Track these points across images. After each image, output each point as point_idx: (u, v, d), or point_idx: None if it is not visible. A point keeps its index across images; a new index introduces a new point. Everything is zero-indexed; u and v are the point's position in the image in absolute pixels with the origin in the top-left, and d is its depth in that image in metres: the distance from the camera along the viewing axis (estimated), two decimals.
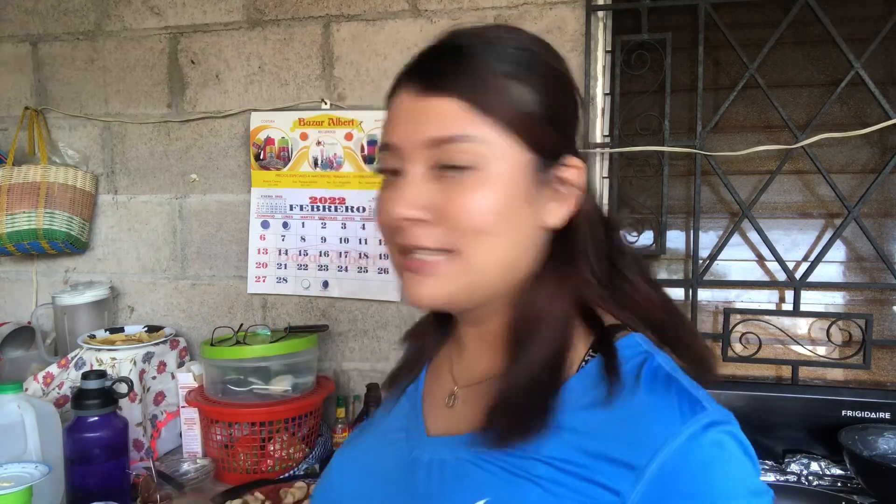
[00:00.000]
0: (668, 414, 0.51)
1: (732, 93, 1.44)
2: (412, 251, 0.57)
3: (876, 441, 1.27)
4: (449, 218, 0.55)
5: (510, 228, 0.57)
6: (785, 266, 1.45)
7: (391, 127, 0.60)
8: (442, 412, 0.67)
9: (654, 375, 0.54)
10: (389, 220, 0.58)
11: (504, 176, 0.56)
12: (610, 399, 0.53)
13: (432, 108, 0.56)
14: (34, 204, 1.65)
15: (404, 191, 0.57)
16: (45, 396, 1.44)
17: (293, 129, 1.65)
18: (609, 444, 0.52)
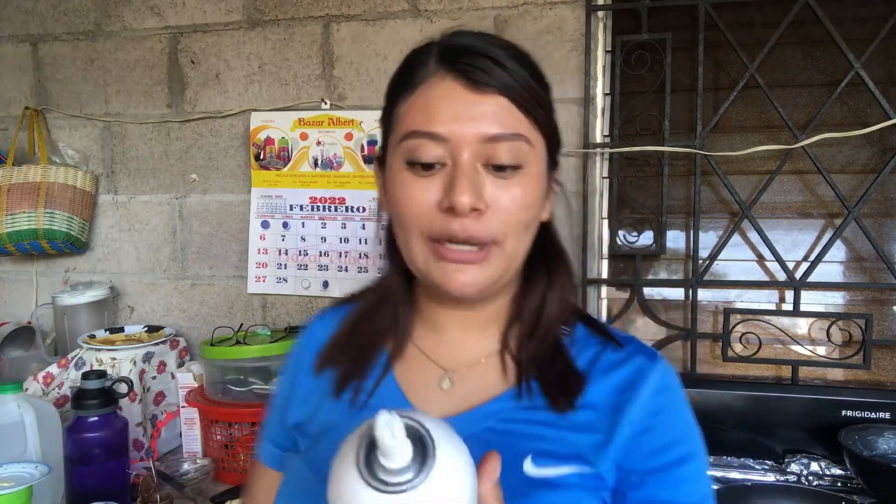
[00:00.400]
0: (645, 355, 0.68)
1: (732, 93, 1.44)
2: (452, 242, 0.60)
3: (876, 441, 1.27)
4: (499, 212, 0.61)
5: (534, 222, 0.65)
6: (785, 266, 1.45)
7: (433, 116, 0.60)
8: (436, 397, 0.68)
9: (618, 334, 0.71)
10: (428, 212, 0.61)
11: (538, 174, 0.64)
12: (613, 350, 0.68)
13: (484, 104, 0.60)
14: (34, 204, 1.65)
15: (464, 181, 0.59)
16: (45, 396, 1.44)
17: (293, 129, 1.65)
18: (611, 384, 0.66)
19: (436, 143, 0.60)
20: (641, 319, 1.58)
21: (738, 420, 1.37)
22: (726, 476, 1.29)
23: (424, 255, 0.62)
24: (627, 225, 1.53)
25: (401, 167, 0.62)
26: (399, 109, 0.64)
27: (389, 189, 0.65)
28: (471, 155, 0.60)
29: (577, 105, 1.51)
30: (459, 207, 0.58)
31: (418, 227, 0.62)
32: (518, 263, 0.66)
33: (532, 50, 0.69)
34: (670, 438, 0.64)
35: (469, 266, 0.61)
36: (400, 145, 0.62)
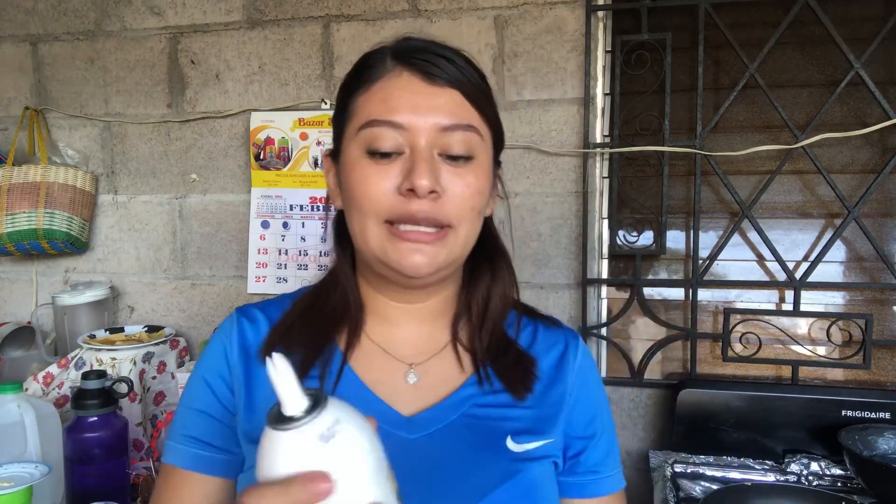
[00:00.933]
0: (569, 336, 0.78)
1: (732, 93, 1.44)
2: (408, 224, 0.63)
3: (876, 441, 1.27)
4: (454, 197, 0.65)
5: (482, 212, 0.70)
6: (785, 266, 1.45)
7: (392, 106, 0.64)
8: (404, 391, 0.70)
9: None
10: (386, 197, 0.63)
11: (486, 166, 0.69)
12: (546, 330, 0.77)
13: (440, 96, 0.65)
14: (34, 204, 1.65)
15: (423, 166, 0.62)
16: (45, 396, 1.44)
17: (293, 129, 1.65)
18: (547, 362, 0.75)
19: (395, 130, 0.64)
20: (641, 319, 1.58)
21: (738, 420, 1.37)
22: (726, 476, 1.29)
23: (380, 238, 0.65)
24: (627, 225, 1.53)
25: (359, 155, 0.65)
26: (356, 102, 0.67)
27: (346, 178, 0.67)
28: (428, 143, 0.64)
29: (577, 105, 1.51)
30: (420, 189, 0.61)
31: (376, 210, 0.64)
32: (467, 250, 0.69)
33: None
34: (597, 409, 0.76)
35: (424, 247, 0.64)
36: (358, 135, 0.65)
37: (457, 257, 0.68)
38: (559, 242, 1.54)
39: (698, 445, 1.37)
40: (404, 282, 0.68)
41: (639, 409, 1.53)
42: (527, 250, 1.55)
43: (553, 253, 1.54)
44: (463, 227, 0.66)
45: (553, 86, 1.52)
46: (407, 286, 0.70)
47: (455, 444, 0.66)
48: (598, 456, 0.74)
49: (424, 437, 0.66)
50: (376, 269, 0.69)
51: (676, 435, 1.39)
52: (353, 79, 0.69)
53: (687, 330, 1.50)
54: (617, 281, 1.60)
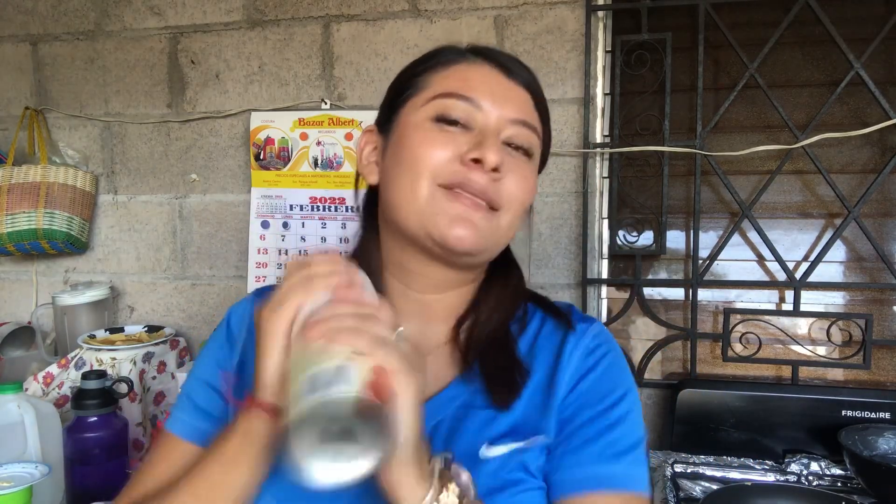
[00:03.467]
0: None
1: (732, 93, 1.44)
2: (464, 193, 0.64)
3: (876, 441, 1.27)
4: (510, 185, 0.66)
5: (524, 215, 0.71)
6: (785, 266, 1.45)
7: (473, 86, 0.66)
8: None
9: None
10: (447, 161, 0.64)
11: (535, 169, 0.71)
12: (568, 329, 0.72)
13: (516, 92, 0.68)
14: (34, 204, 1.65)
15: (494, 143, 0.64)
16: (45, 396, 1.44)
17: (293, 129, 1.65)
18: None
19: (471, 106, 0.66)
20: (641, 319, 1.58)
21: (738, 420, 1.37)
22: (726, 476, 1.29)
23: (431, 197, 0.64)
24: (627, 225, 1.53)
25: (424, 122, 0.66)
26: (428, 78, 0.68)
27: (402, 141, 0.67)
28: (497, 128, 0.66)
29: (577, 105, 1.51)
30: (488, 161, 0.63)
31: (432, 171, 0.64)
32: (503, 243, 0.70)
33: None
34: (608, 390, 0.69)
35: (475, 215, 0.64)
36: (428, 104, 0.67)
37: (496, 244, 0.68)
38: (559, 242, 1.54)
39: (698, 445, 1.37)
40: (445, 257, 0.67)
41: None
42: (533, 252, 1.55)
43: (553, 253, 1.54)
44: (508, 216, 0.67)
45: (553, 86, 1.52)
46: (442, 259, 0.68)
47: (438, 444, 0.65)
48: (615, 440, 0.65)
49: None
50: (417, 239, 0.66)
51: (676, 435, 1.39)
52: (428, 59, 0.70)
53: (687, 330, 1.50)
54: (617, 281, 1.60)
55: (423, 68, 0.70)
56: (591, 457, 0.65)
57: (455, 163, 0.64)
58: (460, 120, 0.65)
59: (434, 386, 0.69)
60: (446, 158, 0.64)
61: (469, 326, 0.73)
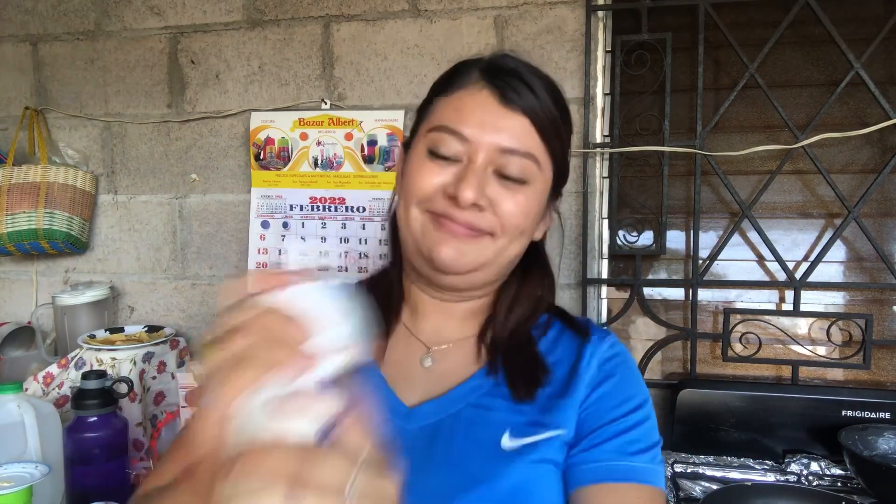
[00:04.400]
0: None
1: (732, 93, 1.44)
2: (452, 218, 0.67)
3: (876, 441, 1.27)
4: (500, 214, 0.68)
5: (528, 234, 0.72)
6: (785, 266, 1.45)
7: (463, 118, 0.68)
8: (415, 375, 0.73)
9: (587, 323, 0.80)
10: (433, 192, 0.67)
11: (540, 193, 0.71)
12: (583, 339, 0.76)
13: (509, 119, 0.68)
14: (34, 204, 1.65)
15: (473, 179, 0.66)
16: (45, 396, 1.43)
17: (293, 129, 1.65)
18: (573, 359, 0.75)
19: (458, 140, 0.67)
20: (641, 319, 1.58)
21: (738, 420, 1.37)
22: (726, 476, 1.29)
23: (421, 223, 0.69)
24: (627, 225, 1.53)
25: (422, 152, 0.70)
26: (436, 105, 0.72)
27: (406, 169, 0.72)
28: (485, 159, 0.67)
29: (577, 105, 1.51)
30: (462, 199, 0.65)
31: (419, 200, 0.69)
32: (503, 263, 0.72)
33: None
34: (626, 396, 0.72)
35: (455, 241, 0.67)
36: (427, 135, 0.70)
37: (489, 265, 0.70)
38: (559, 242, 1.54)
39: (698, 445, 1.37)
40: (437, 277, 0.71)
41: None
42: None
43: (553, 253, 1.54)
44: (502, 241, 0.69)
45: None
46: (440, 284, 0.73)
47: (449, 437, 0.67)
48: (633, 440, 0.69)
49: (421, 429, 0.68)
50: (414, 260, 0.72)
51: (676, 435, 1.39)
52: (443, 81, 0.74)
53: (687, 330, 1.50)
54: (617, 281, 1.60)
55: (436, 92, 0.73)
56: (611, 452, 0.68)
57: (440, 194, 0.68)
58: (449, 155, 0.68)
59: (457, 375, 0.72)
60: (433, 189, 0.68)
61: (493, 324, 0.76)
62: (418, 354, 0.75)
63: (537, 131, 0.69)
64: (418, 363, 0.74)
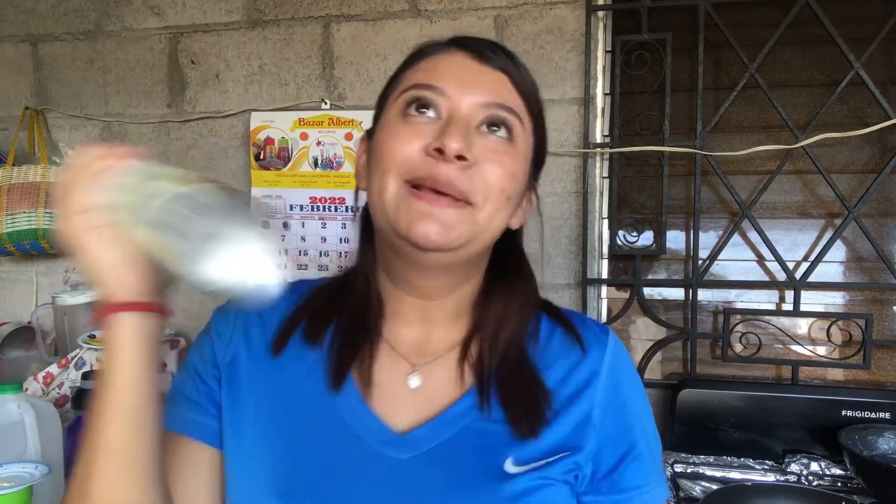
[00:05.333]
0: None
1: (732, 93, 1.44)
2: (431, 189, 0.59)
3: (876, 441, 1.27)
4: (484, 171, 0.61)
5: (513, 203, 0.65)
6: (785, 266, 1.45)
7: (440, 74, 0.63)
8: (402, 398, 0.66)
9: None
10: (414, 153, 0.60)
11: (524, 160, 0.65)
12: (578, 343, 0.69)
13: (488, 75, 0.63)
14: (34, 204, 1.65)
15: (457, 129, 0.59)
16: (45, 396, 1.43)
17: (293, 129, 1.65)
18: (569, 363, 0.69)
19: (436, 94, 0.62)
20: (641, 319, 1.58)
21: (738, 420, 1.37)
22: (726, 476, 1.29)
23: (397, 195, 0.60)
24: (627, 225, 1.53)
25: (393, 118, 0.63)
26: (402, 75, 0.66)
27: (376, 142, 0.64)
28: (467, 114, 0.61)
29: (577, 105, 1.51)
30: (449, 150, 0.58)
31: (398, 166, 0.60)
32: (488, 237, 0.64)
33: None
34: (630, 415, 0.68)
35: (439, 211, 0.59)
36: (398, 100, 0.64)
37: (473, 239, 0.62)
38: (559, 242, 1.54)
39: (698, 445, 1.37)
40: (418, 258, 0.63)
41: None
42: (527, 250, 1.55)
43: (553, 253, 1.54)
44: (487, 208, 0.61)
45: (553, 86, 1.52)
46: (421, 265, 0.64)
47: (449, 464, 0.62)
48: (640, 468, 0.67)
49: (417, 458, 0.62)
50: (390, 240, 0.64)
51: (676, 435, 1.39)
52: (406, 60, 0.68)
53: (687, 330, 1.50)
54: (617, 281, 1.60)
55: (402, 67, 0.67)
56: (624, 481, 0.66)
57: (421, 155, 0.60)
58: (427, 111, 0.61)
59: (443, 398, 0.66)
60: (413, 151, 0.60)
61: (479, 341, 0.68)
62: (403, 373, 0.67)
63: (517, 89, 0.64)
64: (403, 383, 0.66)
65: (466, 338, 0.69)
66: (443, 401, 0.65)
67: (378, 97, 0.70)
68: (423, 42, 0.68)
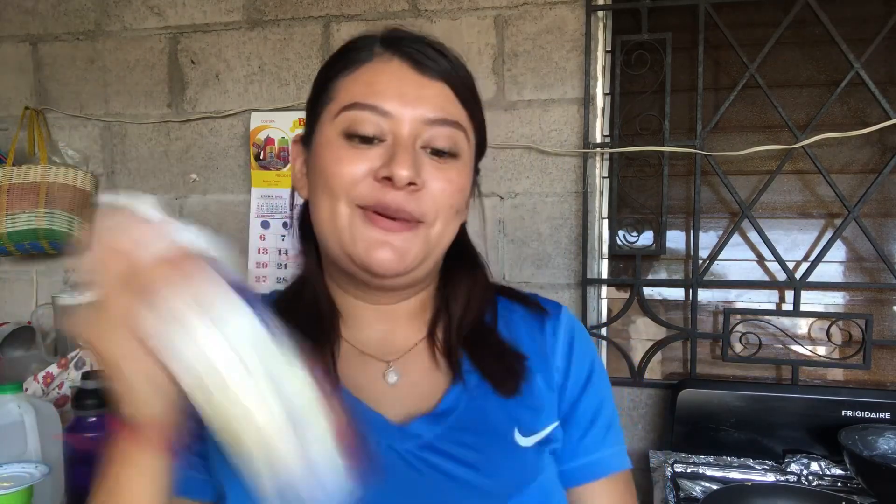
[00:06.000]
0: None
1: (732, 93, 1.44)
2: (381, 214, 0.59)
3: (876, 441, 1.27)
4: (433, 192, 0.61)
5: (462, 213, 0.67)
6: (785, 266, 1.45)
7: (378, 91, 0.61)
8: (386, 392, 0.65)
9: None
10: (361, 179, 0.60)
11: (469, 167, 0.66)
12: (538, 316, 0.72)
13: (428, 88, 0.62)
14: (34, 204, 1.65)
15: (405, 156, 0.59)
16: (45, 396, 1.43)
17: (293, 129, 1.65)
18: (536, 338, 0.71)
19: (379, 116, 0.60)
20: (641, 319, 1.58)
21: (738, 420, 1.37)
22: (726, 476, 1.29)
23: (349, 221, 0.60)
24: (627, 225, 1.53)
25: (335, 137, 0.61)
26: (337, 85, 0.63)
27: (318, 160, 0.63)
28: (411, 133, 0.61)
29: (577, 105, 1.51)
30: (398, 179, 0.58)
31: (347, 194, 0.60)
32: (441, 250, 0.65)
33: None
34: (589, 376, 0.71)
35: (394, 237, 0.59)
36: (338, 116, 0.62)
37: (429, 256, 0.63)
38: (559, 242, 1.54)
39: (698, 445, 1.37)
40: (372, 281, 0.63)
41: (639, 409, 1.53)
42: (527, 250, 1.55)
43: (553, 253, 1.54)
44: (438, 225, 0.62)
45: (553, 86, 1.52)
46: (375, 287, 0.65)
47: (459, 449, 0.62)
48: (597, 423, 0.69)
49: (422, 446, 0.62)
50: (342, 264, 0.63)
51: (676, 435, 1.39)
52: (337, 61, 0.65)
53: (687, 330, 1.50)
54: (617, 281, 1.59)
55: (334, 72, 0.64)
56: (584, 448, 0.68)
57: (369, 180, 0.59)
58: (370, 135, 0.60)
59: (428, 387, 0.66)
60: (359, 176, 0.59)
61: (445, 327, 0.69)
62: (377, 371, 0.66)
63: (457, 97, 0.63)
64: (381, 380, 0.66)
65: (430, 328, 0.70)
66: (432, 391, 0.66)
67: (309, 100, 0.68)
68: (353, 39, 0.65)
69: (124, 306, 0.45)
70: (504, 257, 1.56)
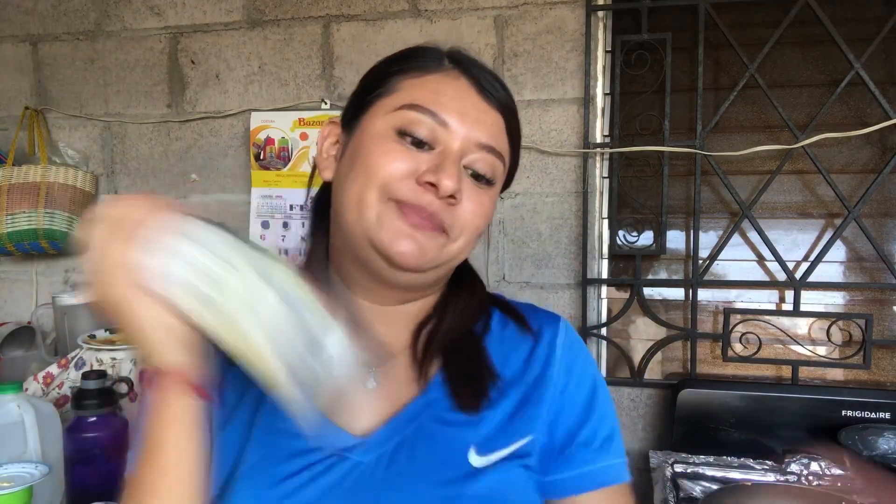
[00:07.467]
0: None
1: (732, 93, 1.44)
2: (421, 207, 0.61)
3: (876, 441, 1.27)
4: (465, 212, 0.63)
5: (479, 238, 0.68)
6: (785, 266, 1.45)
7: (442, 102, 0.63)
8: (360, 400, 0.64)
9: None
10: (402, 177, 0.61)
11: (498, 191, 0.69)
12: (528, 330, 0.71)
13: (488, 114, 0.65)
14: (34, 204, 1.65)
15: (453, 169, 0.61)
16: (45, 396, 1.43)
17: (293, 129, 1.65)
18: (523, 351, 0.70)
19: (437, 124, 0.62)
20: (641, 319, 1.58)
21: (738, 420, 1.37)
22: (726, 476, 1.29)
23: (378, 211, 0.61)
24: (627, 225, 1.53)
25: (387, 131, 0.63)
26: (402, 81, 0.65)
27: (361, 146, 0.64)
28: (462, 151, 0.63)
29: (577, 105, 1.51)
30: (444, 188, 0.60)
31: (386, 187, 0.61)
32: (451, 267, 0.68)
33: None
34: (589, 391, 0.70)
35: (419, 234, 0.61)
36: (395, 113, 0.63)
37: (443, 266, 0.65)
38: (559, 242, 1.54)
39: (698, 445, 1.37)
40: (384, 272, 0.64)
41: (639, 409, 1.53)
42: (527, 250, 1.55)
43: (553, 253, 1.54)
44: (461, 242, 0.65)
45: (553, 86, 1.52)
46: (383, 280, 0.65)
47: (411, 462, 0.61)
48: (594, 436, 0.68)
49: (378, 458, 0.61)
50: (360, 251, 0.64)
51: (676, 435, 1.39)
52: (402, 60, 0.67)
53: (687, 330, 1.50)
54: (617, 281, 1.60)
55: (398, 69, 0.66)
56: (580, 459, 0.67)
57: (410, 181, 0.61)
58: (424, 139, 0.62)
59: (400, 396, 0.65)
60: (402, 174, 0.61)
61: (429, 332, 0.69)
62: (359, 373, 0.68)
63: (507, 130, 0.67)
64: (360, 385, 0.65)
65: (415, 337, 0.70)
66: (401, 398, 0.65)
67: (360, 88, 0.68)
68: (420, 45, 0.67)
69: (119, 255, 0.51)
70: (504, 257, 1.56)
